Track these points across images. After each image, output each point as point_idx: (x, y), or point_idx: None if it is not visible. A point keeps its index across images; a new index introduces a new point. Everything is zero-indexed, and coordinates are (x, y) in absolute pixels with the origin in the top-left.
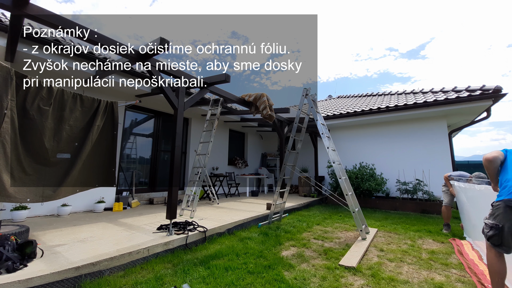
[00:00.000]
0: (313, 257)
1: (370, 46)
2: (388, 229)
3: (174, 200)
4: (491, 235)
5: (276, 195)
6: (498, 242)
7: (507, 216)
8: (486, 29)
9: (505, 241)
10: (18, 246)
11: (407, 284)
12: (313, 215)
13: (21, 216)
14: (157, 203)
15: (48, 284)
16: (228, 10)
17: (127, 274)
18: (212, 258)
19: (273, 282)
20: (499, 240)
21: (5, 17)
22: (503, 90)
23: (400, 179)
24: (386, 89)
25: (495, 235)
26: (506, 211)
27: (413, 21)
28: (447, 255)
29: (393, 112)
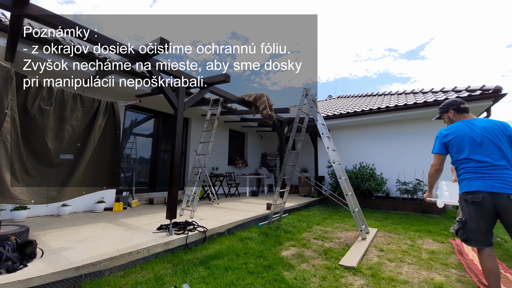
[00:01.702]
0: (313, 257)
1: (370, 46)
2: (388, 229)
3: (174, 200)
4: (457, 230)
5: (276, 195)
6: (464, 237)
7: (464, 210)
8: (485, 30)
9: (470, 235)
10: (18, 246)
11: (407, 284)
12: (313, 215)
13: (21, 216)
14: (157, 203)
15: (48, 284)
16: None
17: (127, 274)
18: (212, 258)
19: (273, 282)
20: (464, 235)
21: (5, 17)
22: (503, 90)
23: (400, 179)
24: (386, 89)
25: (459, 229)
26: (463, 206)
27: (412, 21)
28: (447, 255)
29: (393, 112)
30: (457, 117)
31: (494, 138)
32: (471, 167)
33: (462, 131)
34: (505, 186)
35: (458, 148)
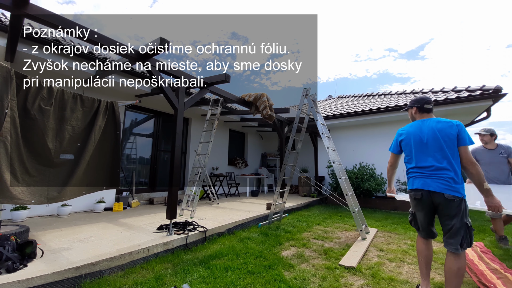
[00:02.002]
0: (313, 257)
1: (370, 47)
2: (388, 229)
3: (174, 200)
4: (410, 221)
5: (276, 195)
6: (416, 227)
7: (413, 204)
8: (485, 30)
9: (419, 226)
10: (18, 246)
11: (407, 284)
12: (313, 215)
13: (21, 216)
14: (157, 203)
15: (48, 284)
16: (228, 10)
17: (127, 274)
18: (212, 258)
19: (273, 282)
20: (416, 225)
21: (5, 17)
22: (503, 90)
23: (400, 179)
24: (385, 89)
25: (411, 221)
26: (411, 200)
27: (412, 22)
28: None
29: (393, 112)
30: (417, 115)
31: (439, 139)
32: (415, 166)
33: (413, 131)
34: (442, 186)
35: (407, 148)
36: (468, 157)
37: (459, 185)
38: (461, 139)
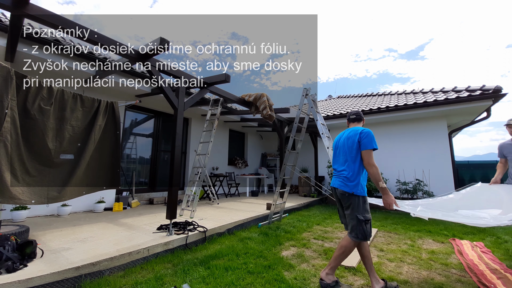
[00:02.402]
0: (313, 257)
1: (369, 47)
2: (388, 229)
3: (174, 200)
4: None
5: (276, 195)
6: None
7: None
8: (485, 30)
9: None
10: (18, 246)
11: (407, 284)
12: (313, 215)
13: (21, 216)
14: (157, 203)
15: (48, 284)
16: (228, 10)
17: (127, 274)
18: (212, 258)
19: (273, 282)
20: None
21: (5, 17)
22: (503, 90)
23: (400, 179)
24: (385, 89)
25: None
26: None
27: (412, 22)
28: (447, 255)
29: (393, 112)
30: (348, 125)
31: (345, 145)
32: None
33: (336, 139)
34: (338, 183)
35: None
36: (366, 160)
37: (352, 183)
38: (362, 144)
